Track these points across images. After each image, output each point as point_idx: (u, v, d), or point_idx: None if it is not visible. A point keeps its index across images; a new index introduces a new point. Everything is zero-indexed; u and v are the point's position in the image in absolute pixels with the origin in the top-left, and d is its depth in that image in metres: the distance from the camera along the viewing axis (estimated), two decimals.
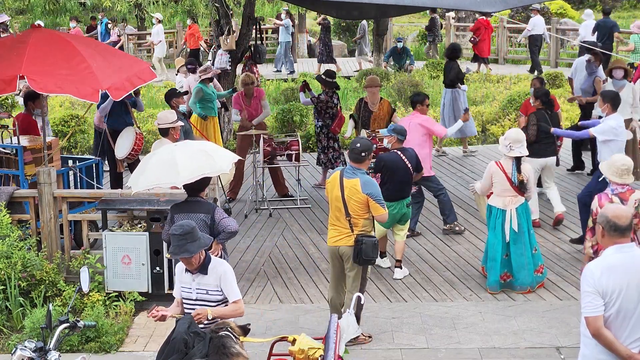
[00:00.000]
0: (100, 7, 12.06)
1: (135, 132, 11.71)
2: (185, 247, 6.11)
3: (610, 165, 7.77)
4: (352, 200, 7.94)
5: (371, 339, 8.31)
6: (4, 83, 9.09)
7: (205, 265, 6.27)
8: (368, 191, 7.91)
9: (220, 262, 6.36)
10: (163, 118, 10.14)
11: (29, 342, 5.63)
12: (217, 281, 6.26)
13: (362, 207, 7.96)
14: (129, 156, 11.70)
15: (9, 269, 8.76)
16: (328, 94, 13.29)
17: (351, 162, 8.08)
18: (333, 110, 13.27)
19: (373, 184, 8.04)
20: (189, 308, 6.33)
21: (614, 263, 5.17)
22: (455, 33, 28.13)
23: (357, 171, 8.00)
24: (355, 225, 8.00)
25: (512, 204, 9.32)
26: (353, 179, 7.97)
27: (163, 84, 23.30)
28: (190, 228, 6.15)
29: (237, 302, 6.28)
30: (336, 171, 8.20)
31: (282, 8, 26.61)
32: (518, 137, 9.35)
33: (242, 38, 16.03)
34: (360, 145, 7.98)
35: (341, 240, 8.08)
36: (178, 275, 6.48)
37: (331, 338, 6.08)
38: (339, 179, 8.04)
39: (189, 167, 7.55)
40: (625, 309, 5.13)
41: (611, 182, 7.77)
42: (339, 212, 8.06)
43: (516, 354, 8.04)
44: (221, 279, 6.26)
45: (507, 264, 9.41)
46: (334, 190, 8.09)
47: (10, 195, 9.63)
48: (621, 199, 7.53)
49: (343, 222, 8.05)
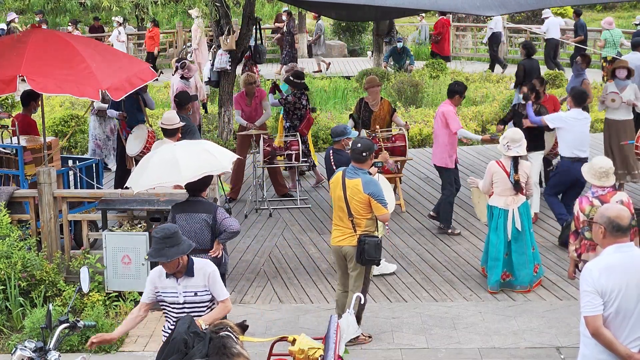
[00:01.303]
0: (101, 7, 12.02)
1: (147, 129, 11.71)
2: (163, 251, 5.96)
3: (590, 168, 7.75)
4: (354, 200, 7.95)
5: (371, 339, 8.31)
6: (3, 83, 9.10)
7: (190, 268, 6.13)
8: (369, 191, 7.92)
9: (205, 263, 6.23)
10: (169, 119, 10.10)
11: (29, 342, 5.62)
12: (205, 281, 6.13)
13: (364, 207, 7.97)
14: (140, 153, 11.68)
15: (9, 269, 8.76)
16: (296, 95, 13.32)
17: (353, 162, 8.08)
18: (301, 111, 13.28)
19: (375, 183, 8.05)
20: (178, 312, 6.16)
21: (613, 263, 5.17)
22: (455, 33, 28.13)
23: (358, 171, 8.01)
24: (358, 225, 8.00)
25: (514, 204, 9.34)
26: (355, 179, 7.97)
27: (163, 84, 23.29)
28: (171, 232, 6.00)
29: (224, 301, 6.19)
30: (339, 171, 8.22)
31: (282, 8, 26.60)
32: (515, 136, 9.38)
33: (242, 38, 16.03)
34: (361, 146, 7.99)
35: (344, 240, 8.09)
36: (154, 280, 6.21)
37: (331, 338, 6.08)
38: (342, 179, 8.05)
39: (191, 166, 7.53)
40: (624, 309, 5.13)
41: (592, 185, 7.76)
42: (342, 212, 8.07)
43: (516, 354, 8.04)
44: (209, 279, 6.12)
45: (507, 262, 9.43)
46: (336, 190, 8.10)
47: (10, 195, 9.63)
48: (602, 202, 7.51)
49: (346, 222, 8.05)
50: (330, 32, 31.33)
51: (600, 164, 7.69)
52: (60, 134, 15.69)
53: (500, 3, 10.74)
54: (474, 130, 16.93)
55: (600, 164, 7.69)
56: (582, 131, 10.78)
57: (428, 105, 19.50)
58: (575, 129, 10.72)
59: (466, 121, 17.33)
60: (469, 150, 16.15)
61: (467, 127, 16.92)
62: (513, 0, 10.84)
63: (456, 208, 11.87)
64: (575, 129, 10.72)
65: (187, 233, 7.64)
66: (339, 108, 19.79)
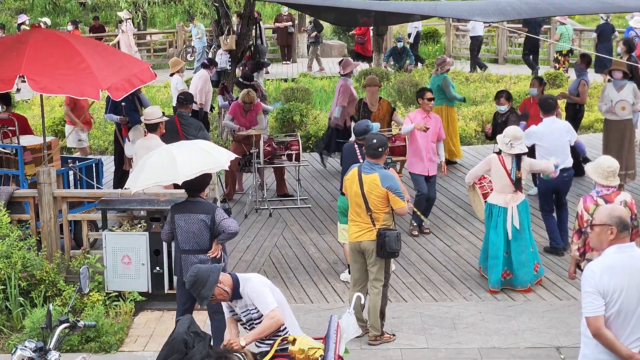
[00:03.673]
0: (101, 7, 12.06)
1: (143, 130, 11.74)
2: (201, 294, 6.15)
3: (596, 167, 7.71)
4: (373, 195, 7.99)
5: (395, 337, 8.36)
6: (2, 82, 9.10)
7: (236, 290, 6.23)
8: (387, 184, 7.97)
9: (246, 280, 6.27)
10: (151, 114, 10.16)
11: (29, 342, 5.62)
12: (248, 300, 6.22)
13: (382, 201, 8.01)
14: None
15: (9, 269, 8.76)
16: None
17: (368, 158, 8.14)
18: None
19: (392, 177, 8.10)
20: (249, 329, 6.33)
21: (615, 263, 5.18)
22: (455, 33, 28.13)
23: (374, 166, 8.07)
24: (376, 219, 8.04)
25: (513, 201, 9.36)
26: (372, 174, 8.03)
27: (163, 83, 23.30)
28: (194, 277, 6.15)
29: (269, 314, 6.15)
30: (354, 168, 8.25)
31: (282, 8, 26.61)
32: (517, 134, 9.38)
33: (242, 38, 16.03)
34: (376, 141, 8.06)
35: (363, 236, 8.11)
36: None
37: (331, 338, 6.09)
38: (358, 175, 8.09)
39: (188, 164, 7.52)
40: (626, 309, 5.13)
41: (596, 184, 7.73)
42: (359, 208, 8.10)
43: (516, 354, 8.04)
44: (251, 297, 6.21)
45: (507, 261, 9.44)
46: (352, 186, 8.13)
47: (10, 195, 9.63)
48: (606, 201, 7.49)
49: (364, 217, 8.08)
50: (330, 32, 31.32)
51: (608, 164, 7.65)
52: (60, 134, 15.69)
53: (499, 11, 10.82)
54: (474, 130, 16.95)
55: (608, 163, 7.65)
56: (554, 141, 10.42)
57: None
58: (546, 139, 10.44)
59: (466, 121, 17.35)
60: (469, 150, 16.13)
61: (468, 127, 16.96)
62: (511, 9, 10.91)
63: (456, 208, 11.88)
64: (548, 139, 10.44)
65: (186, 233, 7.65)
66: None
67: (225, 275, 6.27)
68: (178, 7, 31.19)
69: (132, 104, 12.34)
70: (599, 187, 7.69)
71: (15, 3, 15.27)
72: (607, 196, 7.61)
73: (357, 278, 8.35)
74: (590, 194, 7.79)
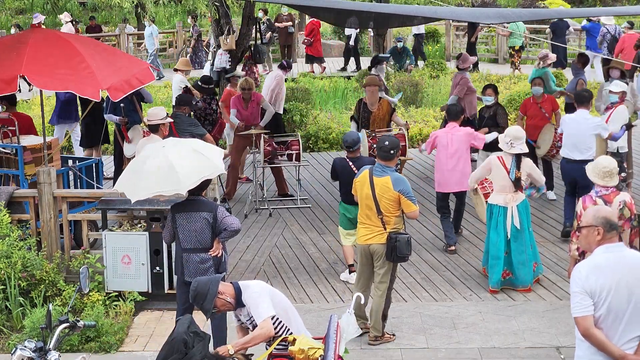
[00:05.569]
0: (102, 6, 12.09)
1: (142, 130, 11.74)
2: (204, 307, 6.19)
3: (594, 168, 7.73)
4: (384, 198, 7.96)
5: (395, 337, 8.36)
6: (4, 83, 9.10)
7: (238, 298, 6.24)
8: (399, 188, 7.94)
9: (246, 288, 6.28)
10: (153, 115, 10.13)
11: (29, 342, 5.62)
12: (249, 309, 6.25)
13: (393, 205, 7.98)
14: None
15: (9, 269, 8.76)
16: (206, 101, 13.32)
17: (380, 160, 8.08)
18: (212, 116, 13.28)
19: (404, 180, 8.06)
20: None
21: (602, 263, 5.15)
22: (455, 33, 28.14)
23: (386, 169, 8.03)
24: (387, 223, 8.02)
25: (513, 201, 9.36)
26: (383, 177, 7.99)
27: (163, 83, 23.31)
28: (194, 291, 6.19)
29: (261, 324, 6.15)
30: (364, 170, 8.22)
31: (282, 8, 26.61)
32: (518, 134, 9.39)
33: (242, 38, 16.03)
34: (388, 144, 8.01)
35: (373, 238, 8.09)
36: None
37: (331, 338, 6.09)
38: (369, 178, 8.06)
39: (189, 173, 7.41)
40: (615, 309, 5.10)
41: (595, 185, 7.74)
42: (369, 211, 8.07)
43: (516, 354, 8.04)
44: (249, 306, 6.22)
45: (507, 261, 9.44)
46: (363, 188, 8.10)
47: (10, 195, 9.63)
48: (605, 201, 7.49)
49: (374, 220, 8.06)
50: (330, 32, 31.31)
51: (605, 164, 7.66)
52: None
53: (499, 14, 10.90)
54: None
55: (604, 164, 7.66)
56: (574, 132, 10.77)
57: (428, 105, 19.50)
58: (568, 129, 10.86)
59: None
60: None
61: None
62: (510, 12, 11.00)
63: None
64: (569, 130, 10.84)
65: (187, 232, 7.64)
66: (339, 108, 19.78)
67: (226, 285, 6.27)
68: (178, 7, 31.19)
69: (132, 104, 12.35)
70: (598, 187, 7.70)
71: (15, 3, 15.24)
72: (606, 196, 7.61)
73: (363, 280, 8.34)
74: (589, 194, 7.79)
